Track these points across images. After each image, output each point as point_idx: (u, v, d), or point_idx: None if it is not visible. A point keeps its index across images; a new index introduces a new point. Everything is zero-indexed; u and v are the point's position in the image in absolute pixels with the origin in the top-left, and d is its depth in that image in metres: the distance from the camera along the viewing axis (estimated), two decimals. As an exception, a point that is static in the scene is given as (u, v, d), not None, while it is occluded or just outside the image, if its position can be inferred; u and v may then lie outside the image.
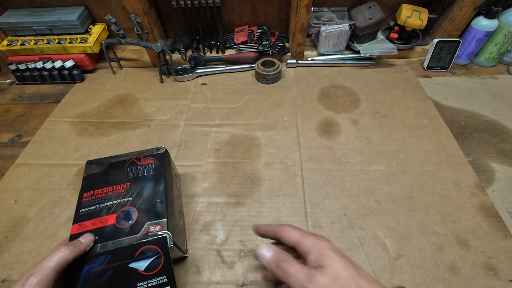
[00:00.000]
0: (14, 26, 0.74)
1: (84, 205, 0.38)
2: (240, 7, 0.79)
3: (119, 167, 0.42)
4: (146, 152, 0.44)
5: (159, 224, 0.35)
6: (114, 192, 0.39)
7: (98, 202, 0.38)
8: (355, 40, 0.78)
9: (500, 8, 0.67)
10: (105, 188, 0.39)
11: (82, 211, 0.37)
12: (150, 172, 0.41)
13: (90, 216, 0.36)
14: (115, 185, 0.40)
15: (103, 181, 0.40)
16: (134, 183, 0.40)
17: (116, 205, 0.37)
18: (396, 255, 0.43)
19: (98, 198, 0.38)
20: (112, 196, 0.38)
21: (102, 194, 0.39)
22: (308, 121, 0.64)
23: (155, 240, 0.34)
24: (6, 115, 0.70)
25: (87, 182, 0.41)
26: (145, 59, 0.82)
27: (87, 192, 0.39)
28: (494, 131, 0.61)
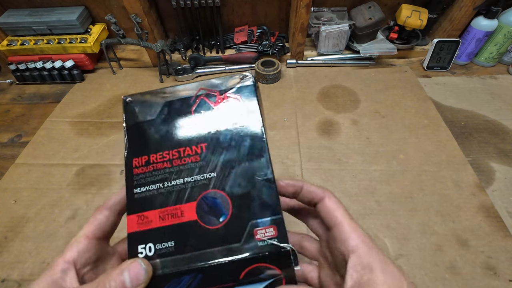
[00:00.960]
0: (14, 26, 0.74)
1: (138, 181, 0.24)
2: (240, 7, 0.79)
3: (182, 111, 0.26)
4: (221, 82, 0.26)
5: (271, 226, 0.22)
6: (184, 161, 0.24)
7: (160, 178, 0.24)
8: (355, 40, 0.78)
9: (499, 8, 0.67)
10: (167, 151, 0.24)
11: (138, 192, 0.23)
12: (237, 124, 0.25)
13: (153, 203, 0.23)
14: (183, 147, 0.24)
15: (160, 139, 0.25)
16: (213, 144, 0.24)
17: (191, 186, 0.23)
18: (396, 255, 0.43)
19: (158, 170, 0.24)
20: (181, 168, 0.24)
21: (164, 162, 0.24)
22: (308, 121, 0.64)
23: (271, 256, 0.21)
24: (6, 115, 0.70)
25: (132, 137, 0.25)
26: (145, 59, 0.82)
27: (139, 158, 0.24)
28: (494, 131, 0.61)
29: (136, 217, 0.23)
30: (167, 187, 0.23)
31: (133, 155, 0.25)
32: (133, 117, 0.26)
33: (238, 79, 0.26)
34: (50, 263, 0.21)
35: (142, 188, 0.24)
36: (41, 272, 0.19)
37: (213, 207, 0.23)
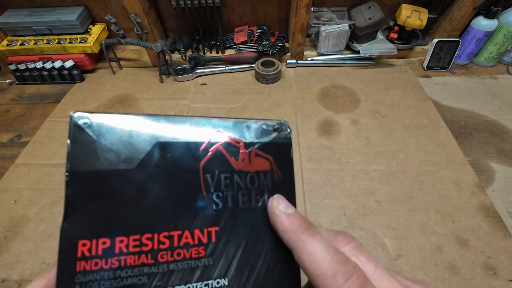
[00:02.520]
0: (14, 26, 0.73)
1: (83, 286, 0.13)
2: (240, 7, 0.79)
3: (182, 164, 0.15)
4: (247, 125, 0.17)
5: None
6: (178, 255, 0.14)
7: (131, 285, 0.13)
8: (355, 40, 0.78)
9: (499, 8, 0.67)
10: (148, 234, 0.14)
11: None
12: (265, 200, 0.17)
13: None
14: (178, 230, 0.15)
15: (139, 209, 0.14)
16: (228, 229, 0.16)
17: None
18: (396, 255, 0.43)
19: (129, 268, 0.14)
20: (172, 268, 0.14)
21: (142, 254, 0.14)
22: (308, 121, 0.64)
23: None
24: (6, 115, 0.70)
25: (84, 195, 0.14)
26: (145, 59, 0.82)
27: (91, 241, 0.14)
28: (493, 131, 0.61)
29: None
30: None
31: (81, 233, 0.13)
32: (89, 157, 0.14)
33: (272, 130, 0.18)
34: None
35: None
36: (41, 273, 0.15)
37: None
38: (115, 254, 0.13)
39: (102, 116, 0.14)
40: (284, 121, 0.18)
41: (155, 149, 0.15)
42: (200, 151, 0.16)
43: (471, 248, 0.44)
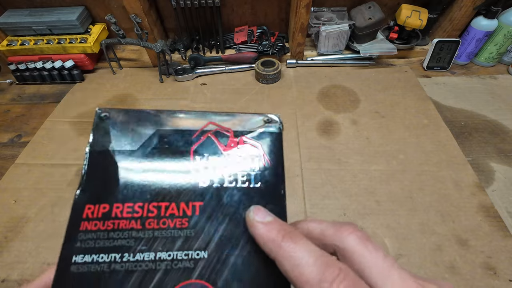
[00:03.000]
0: (14, 26, 0.73)
1: (84, 242, 0.15)
2: (240, 7, 0.79)
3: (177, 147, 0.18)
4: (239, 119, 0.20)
5: None
6: (163, 223, 0.16)
7: (120, 245, 0.15)
8: (355, 40, 0.78)
9: (499, 8, 0.67)
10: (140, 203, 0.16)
11: (78, 261, 0.15)
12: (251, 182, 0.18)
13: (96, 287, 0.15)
14: (166, 202, 0.17)
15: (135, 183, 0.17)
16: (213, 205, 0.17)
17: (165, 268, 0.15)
18: (396, 254, 0.43)
19: (119, 231, 0.16)
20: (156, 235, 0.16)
21: (132, 220, 0.16)
22: (308, 121, 0.64)
23: None
24: (6, 115, 0.70)
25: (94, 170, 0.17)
26: (145, 59, 0.82)
27: (95, 206, 0.16)
28: (493, 131, 0.61)
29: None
30: (126, 263, 0.15)
31: (89, 199, 0.16)
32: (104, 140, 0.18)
33: (262, 121, 0.20)
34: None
35: (87, 257, 0.15)
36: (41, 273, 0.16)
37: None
38: (111, 217, 0.16)
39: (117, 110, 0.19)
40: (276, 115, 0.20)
41: (154, 135, 0.18)
42: (193, 137, 0.19)
43: (471, 248, 0.44)
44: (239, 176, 0.18)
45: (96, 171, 0.17)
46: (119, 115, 0.19)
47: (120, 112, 0.19)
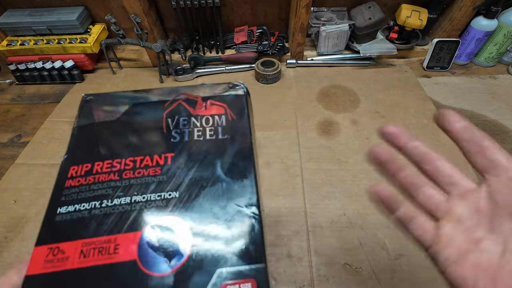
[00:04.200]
0: (14, 26, 0.73)
1: (67, 196, 0.18)
2: (240, 7, 0.79)
3: (151, 114, 0.22)
4: (207, 88, 0.23)
5: (248, 280, 0.15)
6: (138, 173, 0.19)
7: (100, 194, 0.18)
8: (355, 40, 0.78)
9: (499, 8, 0.67)
10: (118, 160, 0.19)
11: (62, 212, 0.18)
12: (219, 134, 0.20)
13: (78, 229, 0.17)
14: (141, 156, 0.19)
15: (114, 144, 0.20)
16: (183, 155, 0.19)
17: (140, 207, 0.17)
18: (395, 254, 0.43)
19: (99, 183, 0.18)
20: (132, 182, 0.18)
21: (111, 174, 0.19)
22: (308, 121, 0.64)
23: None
24: (6, 115, 0.70)
25: (77, 140, 0.21)
26: (144, 59, 0.82)
27: (79, 166, 0.19)
28: (493, 131, 0.61)
29: (47, 249, 0.16)
30: (105, 207, 0.17)
31: (73, 162, 0.19)
32: (88, 117, 0.21)
33: (228, 87, 0.23)
34: None
35: (70, 207, 0.17)
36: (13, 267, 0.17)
37: (164, 242, 0.16)
38: (92, 173, 0.19)
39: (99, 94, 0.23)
40: (240, 82, 0.24)
41: (131, 108, 0.22)
42: (165, 105, 0.22)
43: (471, 248, 0.44)
44: (207, 130, 0.21)
45: (80, 140, 0.21)
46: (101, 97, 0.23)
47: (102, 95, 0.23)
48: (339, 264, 0.43)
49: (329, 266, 0.42)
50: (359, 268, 0.42)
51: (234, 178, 0.18)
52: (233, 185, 0.18)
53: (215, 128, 0.21)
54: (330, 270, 0.42)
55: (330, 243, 0.45)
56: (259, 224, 0.17)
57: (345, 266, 0.42)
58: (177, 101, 0.22)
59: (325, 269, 0.42)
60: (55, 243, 0.16)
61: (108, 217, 0.17)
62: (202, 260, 0.15)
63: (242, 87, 0.23)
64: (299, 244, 0.45)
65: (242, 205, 0.17)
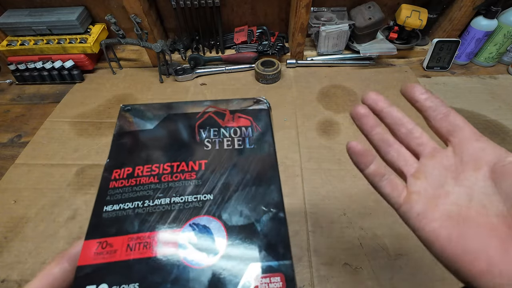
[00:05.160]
0: (14, 26, 0.73)
1: (112, 196, 0.20)
2: (240, 7, 0.79)
3: (184, 125, 0.24)
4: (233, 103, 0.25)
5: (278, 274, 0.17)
6: (176, 177, 0.21)
7: (141, 195, 0.20)
8: (355, 40, 0.78)
9: (499, 8, 0.67)
10: (157, 165, 0.21)
11: (108, 210, 0.19)
12: (246, 144, 0.23)
13: (124, 225, 0.18)
14: (177, 162, 0.21)
15: (152, 150, 0.22)
16: (215, 162, 0.21)
17: (179, 208, 0.19)
18: (395, 254, 0.43)
19: (141, 185, 0.20)
20: (171, 185, 0.20)
21: (151, 177, 0.21)
22: (308, 121, 0.64)
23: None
24: (5, 115, 0.70)
25: (118, 145, 0.23)
26: (144, 59, 0.82)
27: (121, 170, 0.21)
28: (494, 131, 0.61)
29: (96, 243, 0.17)
30: (147, 207, 0.19)
31: (115, 165, 0.21)
32: (127, 125, 0.23)
33: (252, 102, 0.25)
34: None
35: (115, 206, 0.19)
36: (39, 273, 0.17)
37: (202, 238, 0.18)
38: (134, 176, 0.20)
39: (136, 105, 0.25)
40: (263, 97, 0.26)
41: (167, 117, 0.24)
42: (196, 117, 0.24)
43: (471, 248, 0.44)
44: (235, 140, 0.23)
45: (120, 146, 0.22)
46: (139, 107, 0.25)
47: (140, 105, 0.25)
48: (339, 264, 0.43)
49: (329, 266, 0.42)
50: (359, 268, 0.42)
51: (262, 184, 0.20)
52: (260, 189, 0.20)
53: (243, 139, 0.23)
54: (330, 270, 0.42)
55: (330, 243, 0.45)
56: (284, 225, 0.18)
57: (345, 266, 0.42)
58: (208, 113, 0.24)
59: (325, 269, 0.42)
60: (104, 237, 0.18)
61: (150, 215, 0.19)
62: (236, 255, 0.17)
63: (265, 102, 0.25)
64: (299, 244, 0.45)
65: (269, 208, 0.19)
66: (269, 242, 0.18)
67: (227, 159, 0.21)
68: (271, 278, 0.16)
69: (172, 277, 0.16)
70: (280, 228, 0.18)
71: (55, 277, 0.17)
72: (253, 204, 0.19)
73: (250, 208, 0.19)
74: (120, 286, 0.16)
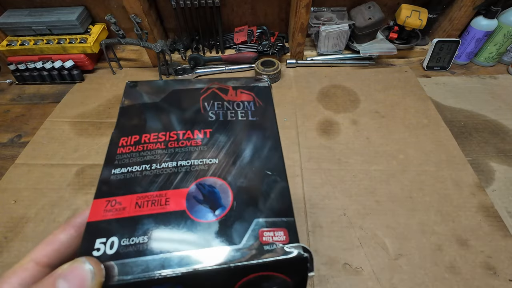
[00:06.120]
0: (14, 26, 0.73)
1: (120, 161, 0.20)
2: (240, 7, 0.79)
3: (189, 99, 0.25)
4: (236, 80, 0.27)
5: (282, 229, 0.18)
6: (182, 144, 0.21)
7: (149, 159, 0.20)
8: (355, 40, 0.78)
9: (499, 8, 0.67)
10: (163, 133, 0.22)
11: (116, 173, 0.20)
12: (249, 116, 0.24)
13: (132, 186, 0.19)
14: (183, 131, 0.22)
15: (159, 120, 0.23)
16: (220, 131, 0.22)
17: (186, 170, 0.20)
18: (395, 254, 0.43)
19: (148, 151, 0.21)
20: (177, 151, 0.21)
21: (157, 143, 0.21)
22: (308, 121, 0.64)
23: (282, 263, 0.16)
24: (5, 115, 0.70)
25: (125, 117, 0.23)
26: (144, 59, 0.82)
27: (128, 137, 0.22)
28: (493, 131, 0.61)
29: (105, 201, 0.18)
30: (154, 169, 0.20)
31: (122, 134, 0.22)
32: (133, 98, 0.24)
33: (253, 80, 0.27)
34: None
35: (123, 169, 0.20)
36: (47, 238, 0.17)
37: (209, 196, 0.19)
38: (141, 143, 0.21)
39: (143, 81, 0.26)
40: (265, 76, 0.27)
41: (172, 92, 0.25)
42: (201, 92, 0.25)
43: (471, 248, 0.44)
44: (238, 112, 0.24)
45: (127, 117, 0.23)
46: (144, 83, 0.26)
47: (145, 82, 0.26)
48: (339, 264, 0.43)
49: (329, 266, 0.42)
50: (359, 268, 0.42)
51: (264, 150, 0.22)
52: (263, 155, 0.21)
53: (246, 112, 0.24)
54: (330, 270, 0.42)
55: (330, 243, 0.45)
56: (287, 188, 0.20)
57: (345, 266, 0.42)
58: (211, 89, 0.26)
59: (325, 269, 0.42)
60: (113, 196, 0.18)
61: (158, 177, 0.19)
62: (242, 211, 0.18)
63: (266, 80, 0.27)
64: (299, 244, 0.45)
65: (272, 172, 0.20)
66: (272, 201, 0.19)
67: (231, 129, 0.23)
68: (275, 232, 0.17)
69: (180, 231, 0.17)
70: (282, 190, 0.19)
71: (61, 242, 0.17)
72: (256, 168, 0.20)
73: (254, 171, 0.20)
74: (130, 238, 0.17)
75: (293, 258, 0.16)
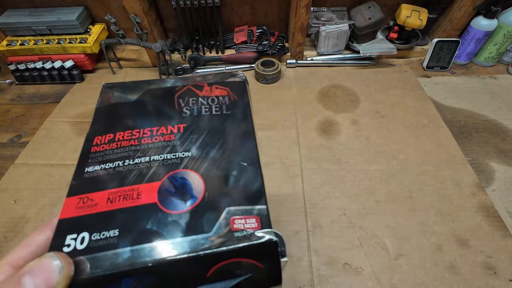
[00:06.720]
0: (14, 26, 0.73)
1: (94, 159, 0.20)
2: (240, 7, 0.79)
3: (163, 97, 0.25)
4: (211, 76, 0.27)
5: (253, 216, 0.18)
6: (155, 139, 0.22)
7: (122, 156, 0.21)
8: (355, 40, 0.78)
9: (499, 8, 0.67)
10: (137, 130, 0.22)
11: (89, 171, 0.20)
12: (223, 110, 0.24)
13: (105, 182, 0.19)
14: (157, 127, 0.23)
15: (133, 118, 0.23)
16: (193, 125, 0.23)
17: (158, 164, 0.20)
18: (395, 254, 0.43)
19: (122, 148, 0.21)
20: (150, 146, 0.21)
21: (131, 140, 0.22)
22: (308, 121, 0.64)
23: (252, 248, 0.17)
24: (5, 115, 0.70)
25: (100, 117, 0.24)
26: (144, 59, 0.82)
27: (102, 136, 0.22)
28: (493, 130, 0.61)
29: (77, 199, 0.18)
30: (127, 165, 0.20)
31: (97, 133, 0.22)
32: (108, 99, 0.25)
33: (229, 75, 0.27)
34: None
35: (96, 167, 0.20)
36: None
37: (180, 188, 0.19)
38: (115, 141, 0.22)
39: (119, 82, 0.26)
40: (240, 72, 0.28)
41: (147, 92, 0.26)
42: (176, 89, 0.26)
43: (471, 248, 0.44)
44: (213, 107, 0.24)
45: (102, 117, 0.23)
46: (120, 84, 0.26)
47: (121, 83, 0.27)
48: (339, 264, 0.43)
49: (329, 266, 0.42)
50: (359, 268, 0.42)
51: (238, 141, 0.22)
52: (237, 145, 0.21)
53: (220, 106, 0.24)
54: (330, 270, 0.42)
55: (330, 243, 0.45)
56: (260, 177, 0.20)
57: (345, 266, 0.42)
58: (186, 86, 0.26)
59: (325, 269, 0.42)
60: (85, 193, 0.19)
61: (130, 172, 0.20)
62: (213, 201, 0.18)
63: (241, 76, 0.27)
64: (299, 244, 0.45)
65: (246, 162, 0.20)
66: (244, 190, 0.19)
67: (205, 123, 0.23)
68: (247, 219, 0.18)
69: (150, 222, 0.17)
70: (255, 179, 0.20)
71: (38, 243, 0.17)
72: (229, 159, 0.21)
73: (226, 162, 0.20)
74: (101, 233, 0.17)
75: (263, 242, 0.16)
